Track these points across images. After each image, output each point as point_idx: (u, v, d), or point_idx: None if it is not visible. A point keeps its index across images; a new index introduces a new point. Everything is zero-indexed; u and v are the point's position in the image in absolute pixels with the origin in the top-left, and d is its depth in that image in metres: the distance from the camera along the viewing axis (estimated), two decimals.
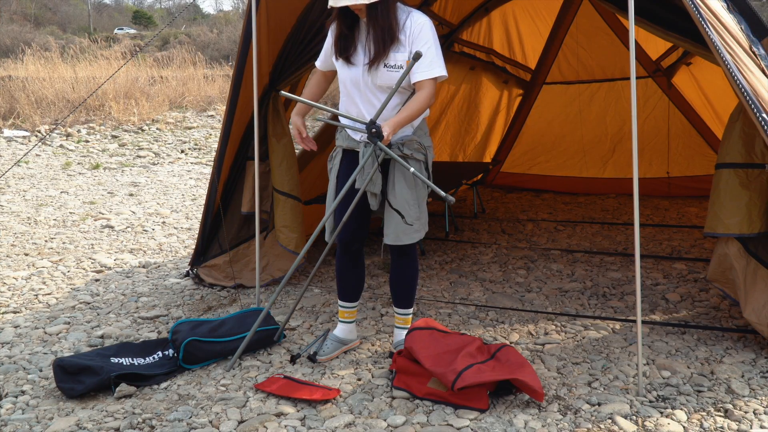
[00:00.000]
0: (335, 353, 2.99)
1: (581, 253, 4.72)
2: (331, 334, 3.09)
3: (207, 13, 53.74)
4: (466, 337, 2.84)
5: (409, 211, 2.78)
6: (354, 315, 3.10)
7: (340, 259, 3.00)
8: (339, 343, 3.04)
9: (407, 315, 3.06)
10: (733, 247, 2.98)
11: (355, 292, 3.05)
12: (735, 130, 2.98)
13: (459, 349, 2.69)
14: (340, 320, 3.09)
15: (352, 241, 2.95)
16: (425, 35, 2.67)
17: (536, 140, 7.09)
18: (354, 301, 3.07)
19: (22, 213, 6.40)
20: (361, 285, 3.07)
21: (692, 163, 6.33)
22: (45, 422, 2.50)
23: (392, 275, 3.02)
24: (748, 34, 3.04)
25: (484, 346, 2.79)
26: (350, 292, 3.05)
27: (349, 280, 3.03)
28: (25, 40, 21.61)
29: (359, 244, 2.98)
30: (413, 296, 3.04)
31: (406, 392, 2.62)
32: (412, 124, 2.80)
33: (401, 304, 3.04)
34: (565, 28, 6.52)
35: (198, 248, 4.13)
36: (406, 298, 3.02)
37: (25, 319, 3.62)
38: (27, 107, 12.16)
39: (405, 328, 3.05)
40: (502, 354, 2.69)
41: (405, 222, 2.77)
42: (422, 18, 2.70)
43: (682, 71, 6.08)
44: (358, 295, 3.07)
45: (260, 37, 3.57)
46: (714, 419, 2.40)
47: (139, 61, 16.69)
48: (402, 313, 3.06)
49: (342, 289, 3.05)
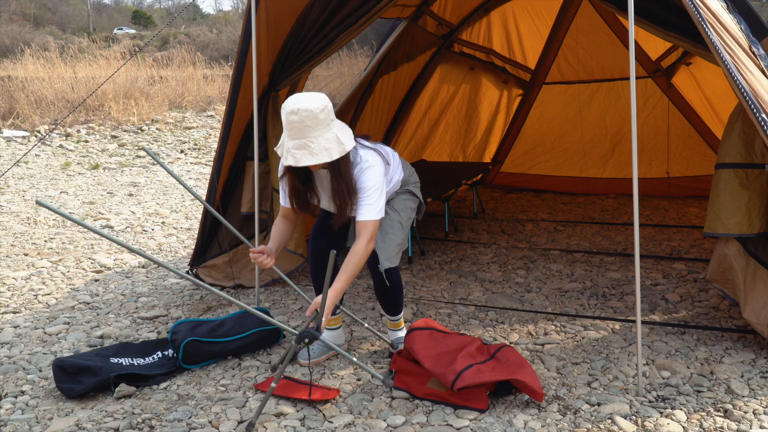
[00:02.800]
0: (321, 357, 2.98)
1: (581, 254, 4.72)
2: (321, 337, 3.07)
3: (206, 13, 53.78)
4: (465, 337, 2.84)
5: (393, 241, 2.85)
6: (339, 321, 3.10)
7: (315, 272, 3.00)
8: (327, 348, 3.00)
9: (398, 320, 3.07)
10: (733, 247, 2.98)
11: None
12: (735, 131, 2.98)
13: (459, 350, 2.69)
14: (327, 328, 3.09)
15: (324, 255, 2.95)
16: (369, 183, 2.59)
17: (536, 140, 7.09)
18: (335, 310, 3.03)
19: (21, 213, 6.40)
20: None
21: (692, 164, 6.33)
22: (44, 422, 2.50)
23: (379, 288, 2.94)
24: (747, 34, 3.04)
25: (484, 346, 2.79)
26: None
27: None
28: (24, 40, 21.63)
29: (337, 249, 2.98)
30: (401, 302, 3.03)
31: (406, 392, 2.62)
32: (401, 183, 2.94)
33: (391, 311, 3.05)
34: (564, 28, 6.52)
35: (197, 248, 4.13)
36: (394, 306, 3.01)
37: (25, 319, 3.61)
38: (26, 107, 12.16)
39: (399, 330, 3.08)
40: (502, 354, 2.69)
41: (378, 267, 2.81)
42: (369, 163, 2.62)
43: (682, 71, 6.08)
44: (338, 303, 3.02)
45: (260, 37, 3.57)
46: (714, 419, 2.40)
47: (139, 61, 16.69)
48: (393, 318, 3.07)
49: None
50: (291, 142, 2.44)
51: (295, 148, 2.43)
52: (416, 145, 6.37)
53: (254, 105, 3.57)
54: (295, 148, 2.43)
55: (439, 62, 6.06)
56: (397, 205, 2.95)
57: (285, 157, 2.48)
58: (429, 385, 2.61)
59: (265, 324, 3.13)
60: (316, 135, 2.43)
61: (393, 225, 2.88)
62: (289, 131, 2.44)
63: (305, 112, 2.39)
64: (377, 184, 2.61)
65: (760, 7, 17.49)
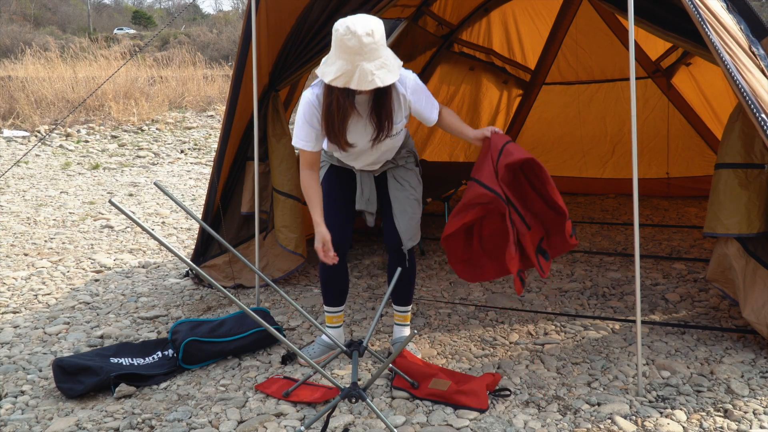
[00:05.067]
0: (321, 357, 2.97)
1: (581, 253, 4.72)
2: (320, 338, 3.06)
3: (206, 14, 53.78)
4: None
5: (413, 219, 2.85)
6: (341, 319, 3.06)
7: (325, 264, 2.86)
8: (326, 347, 3.01)
9: (407, 312, 3.07)
10: (733, 247, 2.98)
11: (341, 296, 3.00)
12: (734, 131, 2.98)
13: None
14: (328, 326, 3.05)
15: (340, 243, 2.85)
16: (421, 94, 2.70)
17: (536, 141, 7.09)
18: (340, 306, 3.01)
19: (21, 213, 6.40)
20: (346, 289, 3.01)
21: (692, 164, 6.33)
22: (44, 422, 2.50)
23: (391, 274, 2.99)
24: (747, 34, 3.04)
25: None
26: (336, 297, 2.98)
27: (334, 285, 2.96)
28: (24, 40, 21.63)
29: (346, 246, 2.91)
30: (412, 294, 3.04)
31: (406, 392, 2.62)
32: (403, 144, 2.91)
33: (402, 302, 3.04)
34: (564, 29, 6.52)
35: (197, 248, 4.13)
36: (406, 296, 3.02)
37: (25, 319, 3.62)
38: (26, 107, 12.16)
39: (405, 325, 3.07)
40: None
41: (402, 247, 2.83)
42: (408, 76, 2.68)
43: (682, 72, 6.08)
44: (343, 299, 3.02)
45: (260, 37, 3.57)
46: (714, 419, 2.40)
47: (139, 62, 16.69)
48: (402, 310, 3.06)
49: (328, 294, 2.98)
50: (370, 64, 2.36)
51: (376, 68, 2.38)
52: (416, 145, 6.35)
53: (254, 105, 3.57)
54: (376, 68, 2.38)
55: (439, 62, 6.06)
56: (411, 180, 2.91)
57: (361, 80, 2.37)
58: (431, 386, 2.61)
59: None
60: (386, 54, 2.43)
61: (411, 203, 2.86)
62: (361, 54, 2.34)
63: (378, 32, 2.37)
64: (423, 88, 2.71)
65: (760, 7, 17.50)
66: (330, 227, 2.70)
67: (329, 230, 2.66)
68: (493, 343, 3.13)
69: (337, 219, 2.82)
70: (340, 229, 2.83)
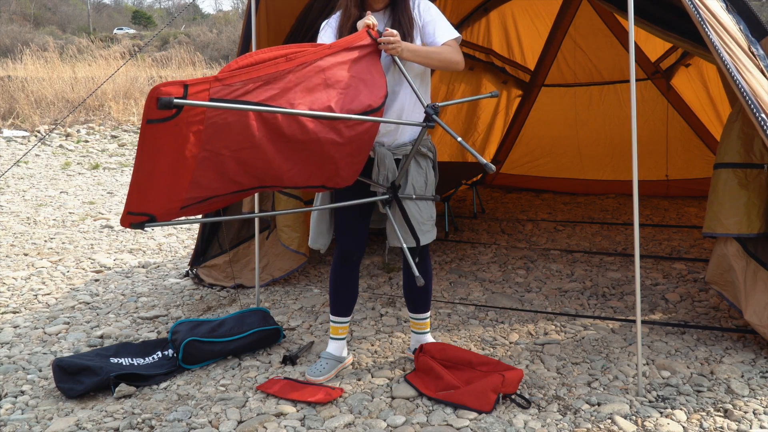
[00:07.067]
0: (332, 373, 2.81)
1: (581, 253, 4.72)
2: (325, 352, 2.89)
3: (206, 13, 53.75)
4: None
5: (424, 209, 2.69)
6: (347, 331, 2.91)
7: (339, 270, 2.80)
8: (335, 361, 2.85)
9: (425, 319, 2.96)
10: (732, 247, 2.98)
11: (350, 305, 2.88)
12: (734, 130, 2.98)
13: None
14: (333, 337, 2.89)
15: (355, 250, 2.78)
16: (432, 9, 2.70)
17: (535, 142, 7.10)
18: (348, 316, 2.89)
19: (21, 213, 6.40)
20: (355, 298, 2.89)
21: (691, 166, 6.33)
22: (44, 422, 2.50)
23: (408, 281, 2.88)
24: (746, 34, 3.04)
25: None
26: (346, 306, 2.86)
27: (345, 293, 2.84)
28: (24, 40, 21.63)
29: (360, 254, 2.82)
30: (430, 299, 2.93)
31: (415, 389, 2.63)
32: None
33: (419, 309, 2.93)
34: (563, 29, 6.52)
35: (198, 248, 4.13)
36: (424, 303, 2.92)
37: (25, 319, 3.62)
38: (26, 107, 12.16)
39: (425, 333, 2.97)
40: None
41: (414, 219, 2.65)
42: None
43: (681, 72, 6.08)
44: (351, 310, 2.89)
45: (260, 37, 3.57)
46: (714, 419, 2.40)
47: (139, 61, 16.69)
48: (420, 318, 2.95)
49: (337, 303, 2.86)
50: None
51: None
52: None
53: None
54: None
55: None
56: (429, 177, 2.74)
57: None
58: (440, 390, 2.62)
59: (265, 324, 3.13)
60: None
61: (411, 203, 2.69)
62: None
63: None
64: (437, 10, 2.69)
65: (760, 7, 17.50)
66: (344, 234, 2.70)
67: (344, 237, 2.71)
68: (493, 343, 3.13)
69: (351, 226, 2.74)
70: (355, 237, 2.76)
